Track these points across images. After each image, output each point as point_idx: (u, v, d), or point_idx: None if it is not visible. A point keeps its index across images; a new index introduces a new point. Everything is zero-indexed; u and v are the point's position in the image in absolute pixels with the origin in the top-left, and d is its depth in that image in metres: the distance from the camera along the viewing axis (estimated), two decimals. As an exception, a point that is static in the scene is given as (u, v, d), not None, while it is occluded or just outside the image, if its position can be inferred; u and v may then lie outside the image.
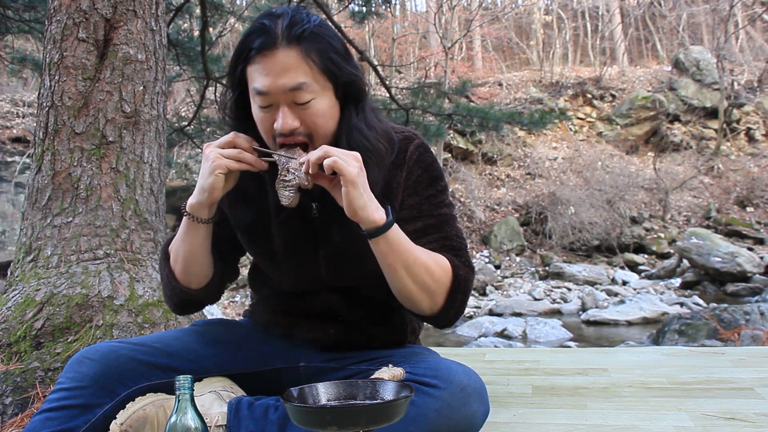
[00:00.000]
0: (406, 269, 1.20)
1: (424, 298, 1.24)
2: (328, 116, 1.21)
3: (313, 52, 1.16)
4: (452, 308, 1.27)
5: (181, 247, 1.30)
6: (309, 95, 1.17)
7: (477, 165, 16.32)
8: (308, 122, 1.19)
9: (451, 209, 1.36)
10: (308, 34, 1.16)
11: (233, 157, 1.19)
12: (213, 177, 1.19)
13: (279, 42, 1.15)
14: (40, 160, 2.30)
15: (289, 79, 1.15)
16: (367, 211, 1.14)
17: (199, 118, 7.20)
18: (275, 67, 1.15)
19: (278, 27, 1.15)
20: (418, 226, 1.31)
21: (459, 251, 1.30)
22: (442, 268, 1.25)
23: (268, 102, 1.18)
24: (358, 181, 1.12)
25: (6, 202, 10.97)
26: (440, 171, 1.36)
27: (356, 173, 1.12)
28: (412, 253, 1.21)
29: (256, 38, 1.16)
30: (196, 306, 1.41)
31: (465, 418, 1.14)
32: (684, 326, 6.05)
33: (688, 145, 17.35)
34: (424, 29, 21.41)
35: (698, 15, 21.94)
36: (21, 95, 13.72)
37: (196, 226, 1.26)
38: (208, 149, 1.21)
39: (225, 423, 1.21)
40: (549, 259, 13.28)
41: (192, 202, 1.24)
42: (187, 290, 1.35)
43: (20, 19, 5.95)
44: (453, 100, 8.44)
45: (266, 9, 6.87)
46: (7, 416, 1.71)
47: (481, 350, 2.82)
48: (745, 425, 1.49)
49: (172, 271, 1.34)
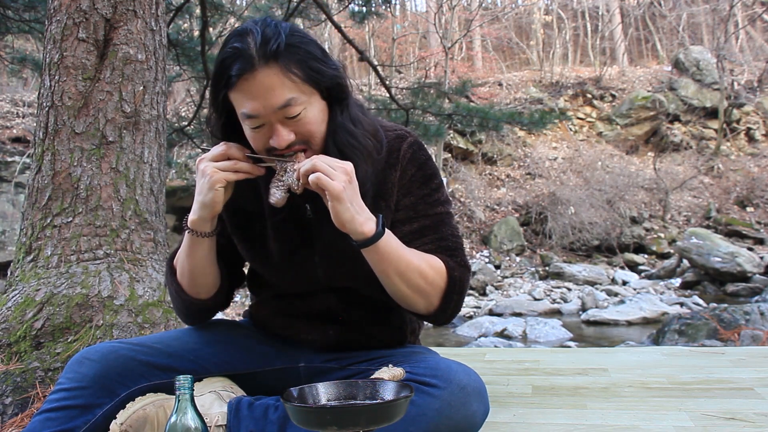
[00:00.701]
0: (399, 275, 1.22)
1: (420, 300, 1.26)
2: (320, 121, 1.21)
3: (293, 65, 1.15)
4: (448, 308, 1.28)
5: (187, 262, 1.31)
6: (299, 108, 1.17)
7: (477, 165, 16.32)
8: (302, 131, 1.19)
9: (446, 206, 1.35)
10: (283, 48, 1.14)
11: (230, 168, 1.20)
12: (213, 192, 1.19)
13: (257, 63, 1.13)
14: (40, 160, 2.30)
15: (276, 98, 1.14)
16: (355, 224, 1.15)
17: (199, 118, 7.19)
18: (259, 90, 1.14)
19: (251, 47, 1.13)
20: (414, 227, 1.31)
21: (454, 251, 1.31)
22: (437, 271, 1.25)
23: (259, 123, 1.17)
24: (344, 196, 1.12)
25: (6, 202, 10.97)
26: (435, 168, 1.36)
27: (341, 189, 1.11)
28: (404, 259, 1.21)
29: (233, 63, 1.14)
30: (208, 315, 1.42)
31: (465, 417, 1.14)
32: (684, 326, 6.05)
33: (688, 145, 17.36)
34: (424, 29, 21.42)
35: (698, 15, 21.95)
36: (21, 95, 13.72)
37: (200, 241, 1.27)
38: (202, 164, 1.21)
39: (225, 423, 1.22)
40: (549, 259, 13.28)
41: (194, 218, 1.24)
42: (197, 301, 1.36)
43: (20, 19, 5.95)
44: (453, 100, 8.44)
45: (266, 9, 6.88)
46: (7, 416, 1.71)
47: (481, 350, 2.82)
48: (745, 425, 1.49)
49: (180, 285, 1.35)
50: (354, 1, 7.13)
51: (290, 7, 6.30)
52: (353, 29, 13.87)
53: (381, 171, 1.30)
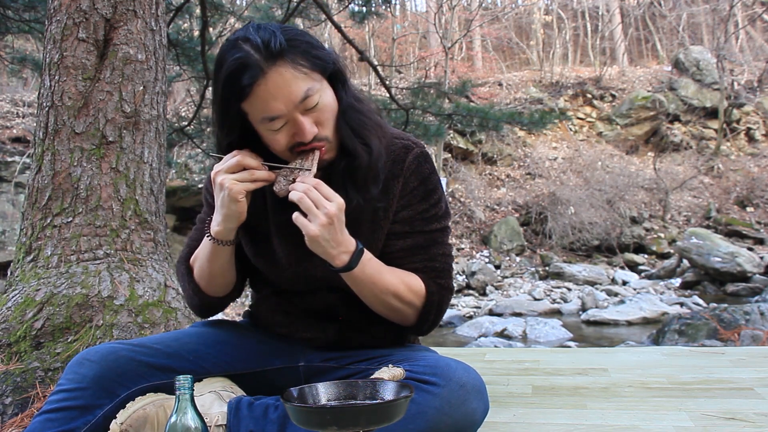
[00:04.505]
0: (374, 297, 1.28)
1: (394, 317, 1.32)
2: (334, 105, 1.24)
3: (298, 57, 1.17)
4: (425, 325, 1.34)
5: (207, 266, 1.34)
6: (316, 96, 1.19)
7: (477, 165, 16.32)
8: (322, 121, 1.21)
9: (442, 222, 1.36)
10: (284, 44, 1.16)
11: (247, 179, 1.21)
12: (236, 204, 1.21)
13: (265, 66, 1.14)
14: (40, 160, 2.30)
15: (294, 93, 1.16)
16: (327, 256, 1.20)
17: (199, 118, 7.19)
18: (276, 90, 1.15)
19: (254, 54, 1.14)
20: (408, 244, 1.33)
21: (441, 272, 1.34)
22: (415, 293, 1.30)
23: (281, 123, 1.19)
24: (318, 239, 1.16)
25: (6, 202, 10.97)
26: (437, 181, 1.37)
27: (315, 233, 1.15)
28: (381, 284, 1.26)
29: (241, 74, 1.15)
30: (221, 308, 1.47)
31: (465, 415, 1.14)
32: (684, 326, 6.06)
33: (688, 145, 17.36)
34: (424, 29, 21.42)
35: (698, 15, 21.95)
36: (21, 95, 13.71)
37: (222, 249, 1.30)
38: (219, 177, 1.22)
39: (225, 423, 1.22)
40: (549, 259, 13.28)
41: (219, 230, 1.26)
42: (213, 299, 1.41)
43: (20, 19, 5.95)
44: (453, 100, 8.44)
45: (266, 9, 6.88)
46: (7, 416, 1.71)
47: (481, 350, 2.82)
48: (745, 425, 1.49)
49: (198, 285, 1.39)
50: (354, 1, 7.13)
51: (290, 7, 6.30)
52: (353, 29, 13.88)
53: (384, 180, 1.31)
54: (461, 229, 14.26)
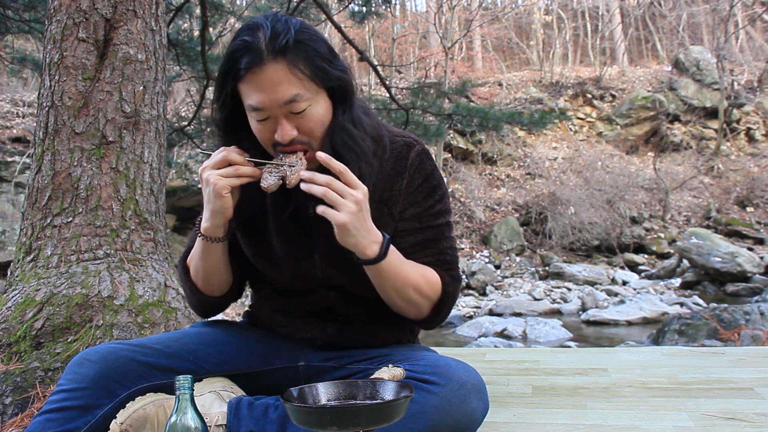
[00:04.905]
0: (395, 290, 1.27)
1: (411, 310, 1.32)
2: (325, 120, 1.23)
3: (300, 62, 1.17)
4: (437, 318, 1.35)
5: (201, 265, 1.34)
6: (304, 104, 1.18)
7: (477, 165, 16.32)
8: (305, 129, 1.21)
9: (447, 216, 1.38)
10: (292, 44, 1.16)
11: (232, 174, 1.21)
12: (221, 199, 1.21)
13: (265, 57, 1.15)
14: (40, 160, 2.30)
15: (282, 93, 1.16)
16: (359, 247, 1.18)
17: (199, 118, 7.19)
18: (266, 83, 1.16)
19: (261, 41, 1.15)
20: (417, 239, 1.34)
21: (451, 265, 1.36)
22: (432, 286, 1.30)
23: (264, 116, 1.20)
24: (349, 227, 1.15)
25: (6, 202, 10.96)
26: (440, 178, 1.38)
27: (345, 220, 1.14)
28: (402, 275, 1.26)
29: (242, 56, 1.16)
30: (222, 308, 1.47)
31: (465, 414, 1.14)
32: (684, 326, 6.05)
33: (688, 145, 17.36)
34: (424, 29, 21.42)
35: (698, 15, 21.95)
36: (21, 95, 13.71)
37: (213, 246, 1.30)
38: (205, 173, 1.23)
39: (225, 423, 1.22)
40: (549, 259, 13.28)
41: (207, 226, 1.27)
42: (212, 298, 1.41)
43: (20, 19, 5.95)
44: (453, 100, 8.44)
45: (266, 9, 6.88)
46: (7, 416, 1.71)
47: (481, 350, 2.82)
48: (745, 425, 1.49)
49: (195, 284, 1.39)
50: (354, 1, 7.13)
51: (290, 7, 6.30)
52: (353, 29, 13.87)
53: (387, 178, 1.32)
54: (461, 229, 14.26)
